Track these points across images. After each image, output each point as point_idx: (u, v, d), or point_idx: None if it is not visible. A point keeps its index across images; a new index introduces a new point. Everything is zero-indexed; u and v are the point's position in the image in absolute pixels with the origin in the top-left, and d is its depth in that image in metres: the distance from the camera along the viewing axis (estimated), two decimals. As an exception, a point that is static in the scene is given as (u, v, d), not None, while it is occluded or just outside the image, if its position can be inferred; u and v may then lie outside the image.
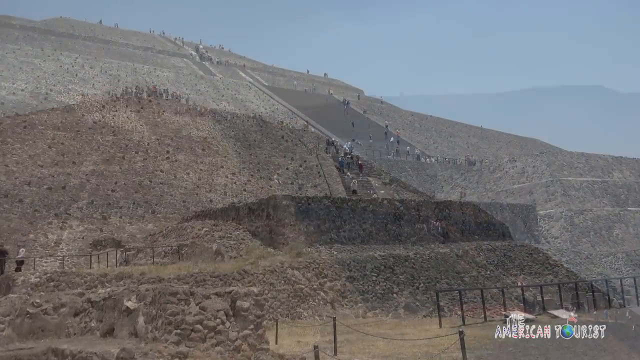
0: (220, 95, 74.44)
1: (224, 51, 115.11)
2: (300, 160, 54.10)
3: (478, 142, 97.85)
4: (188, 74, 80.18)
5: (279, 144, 63.06)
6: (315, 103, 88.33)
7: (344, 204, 29.87)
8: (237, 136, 61.68)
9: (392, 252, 28.66)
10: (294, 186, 48.58)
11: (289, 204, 27.89)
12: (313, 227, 28.32)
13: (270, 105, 78.38)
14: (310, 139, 68.16)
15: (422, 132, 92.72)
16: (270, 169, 50.33)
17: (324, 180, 50.49)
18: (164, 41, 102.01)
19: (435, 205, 34.23)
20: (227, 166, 48.83)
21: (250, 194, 44.96)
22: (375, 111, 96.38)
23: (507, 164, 52.77)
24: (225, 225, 30.07)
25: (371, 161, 59.51)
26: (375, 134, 77.57)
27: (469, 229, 35.06)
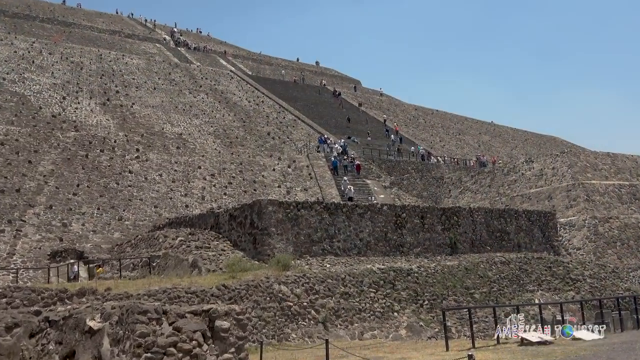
0: (198, 85, 74.01)
1: (202, 36, 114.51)
2: (288, 160, 53.75)
3: (490, 140, 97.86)
4: (161, 62, 79.55)
5: (265, 142, 62.41)
6: (306, 95, 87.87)
7: (339, 210, 29.79)
8: (216, 132, 61.06)
9: (393, 265, 28.61)
10: (281, 190, 48.39)
11: (275, 210, 27.73)
12: (303, 237, 28.19)
13: (255, 98, 77.74)
14: (300, 136, 67.34)
15: (428, 128, 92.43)
16: (254, 170, 50.24)
17: (316, 183, 50.41)
18: (133, 24, 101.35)
19: (442, 211, 34.17)
20: (206, 167, 48.43)
21: (231, 199, 44.71)
22: (374, 105, 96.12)
23: (523, 165, 52.31)
24: (203, 234, 29.79)
25: (369, 162, 59.44)
26: (375, 131, 77.23)
27: (480, 239, 35.04)
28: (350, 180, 50.02)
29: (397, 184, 55.12)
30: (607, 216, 43.61)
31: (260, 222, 27.58)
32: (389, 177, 57.21)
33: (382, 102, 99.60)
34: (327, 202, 30.58)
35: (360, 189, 49.99)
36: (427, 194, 56.87)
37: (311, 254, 28.14)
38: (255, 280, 23.35)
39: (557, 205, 45.57)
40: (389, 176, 57.60)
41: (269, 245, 27.09)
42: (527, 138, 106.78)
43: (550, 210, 42.18)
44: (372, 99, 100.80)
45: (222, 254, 27.54)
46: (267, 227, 27.35)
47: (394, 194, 50.72)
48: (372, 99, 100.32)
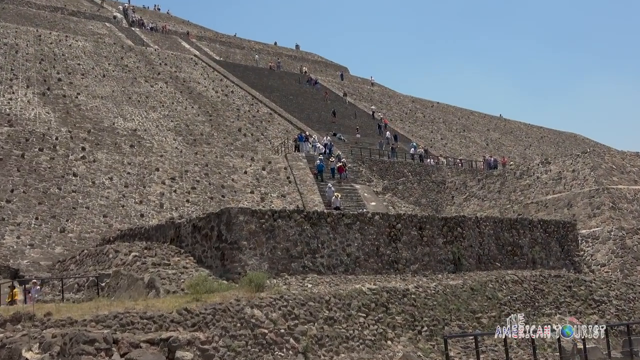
0: (156, 73, 74.12)
1: (161, 14, 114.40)
2: (263, 162, 53.47)
3: (500, 137, 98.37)
4: (112, 44, 79.55)
5: (235, 140, 62.52)
6: (284, 84, 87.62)
7: (322, 221, 29.93)
8: (177, 128, 61.19)
9: (386, 284, 28.65)
10: (254, 196, 48.12)
11: (247, 220, 27.73)
12: (280, 251, 28.29)
13: (223, 87, 77.74)
14: (277, 133, 67.53)
15: (427, 124, 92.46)
16: (222, 173, 50.09)
17: (296, 188, 50.38)
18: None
19: (444, 222, 34.24)
20: (165, 169, 48.27)
21: (195, 207, 44.60)
22: (363, 96, 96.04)
23: (539, 167, 52.38)
24: (162, 248, 29.78)
25: (358, 163, 59.44)
26: (365, 127, 77.22)
27: (488, 253, 35.17)
28: (335, 185, 49.84)
29: (391, 190, 55.03)
30: (636, 227, 43.66)
31: (230, 235, 27.47)
32: (381, 182, 57.13)
33: (373, 93, 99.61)
34: (309, 211, 30.48)
35: (347, 196, 49.77)
36: (427, 201, 56.66)
37: (290, 271, 28.17)
38: (223, 303, 23.23)
39: (578, 214, 45.64)
40: (381, 180, 57.61)
41: (240, 261, 27.06)
42: (542, 135, 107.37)
43: (570, 220, 42.11)
44: (362, 89, 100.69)
45: (184, 272, 27.42)
46: (237, 240, 27.26)
47: (388, 201, 50.37)
48: (362, 89, 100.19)
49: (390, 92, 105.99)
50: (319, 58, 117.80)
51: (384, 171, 61.26)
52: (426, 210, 52.33)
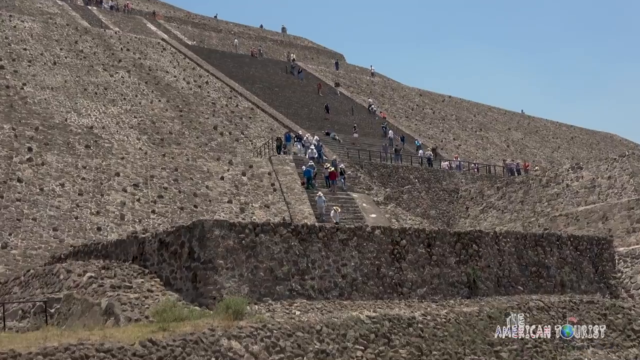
0: (116, 60, 74.12)
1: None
2: (243, 165, 53.41)
3: (523, 138, 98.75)
4: (64, 26, 79.25)
5: (210, 139, 62.62)
6: (269, 74, 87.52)
7: (313, 236, 29.77)
8: (142, 126, 61.20)
9: (388, 311, 28.59)
10: (233, 206, 48.02)
11: (224, 235, 27.70)
12: (263, 272, 28.20)
13: (197, 77, 77.80)
14: (259, 132, 67.71)
15: (437, 121, 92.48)
16: (195, 179, 49.95)
17: (281, 197, 50.20)
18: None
19: (457, 237, 34.19)
20: (126, 173, 48.28)
21: (162, 219, 44.57)
22: (362, 88, 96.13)
23: (569, 174, 52.45)
24: (122, 268, 29.66)
25: (356, 167, 59.40)
26: (364, 124, 77.16)
27: (509, 275, 35.10)
28: (328, 195, 49.61)
29: (394, 199, 54.98)
30: (683, 244, 44.68)
31: (203, 252, 27.38)
32: (383, 190, 57.23)
33: (373, 85, 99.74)
34: (298, 224, 30.29)
35: (343, 206, 49.37)
36: (436, 212, 56.70)
37: (274, 296, 28.09)
38: (195, 334, 22.95)
39: (614, 228, 45.48)
40: (383, 188, 57.71)
41: (215, 283, 26.95)
42: (573, 136, 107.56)
43: (606, 236, 41.90)
44: (360, 80, 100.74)
45: (148, 297, 27.20)
46: (212, 259, 27.17)
47: (390, 213, 50.41)
48: (360, 80, 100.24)
49: (394, 83, 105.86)
50: (309, 43, 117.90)
51: (386, 177, 60.93)
52: (436, 223, 52.13)
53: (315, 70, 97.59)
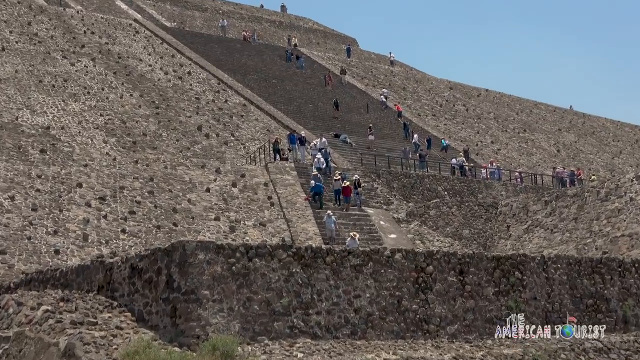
0: (78, 45, 76.65)
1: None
2: (233, 174, 54.63)
3: (577, 140, 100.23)
4: (15, 4, 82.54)
5: (194, 142, 64.75)
6: (265, 63, 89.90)
7: (319, 261, 29.47)
8: (110, 126, 63.40)
9: (412, 354, 28.12)
10: (221, 224, 49.09)
11: (210, 260, 27.37)
12: (258, 305, 27.86)
13: (177, 67, 79.99)
14: (253, 133, 70.37)
15: (471, 120, 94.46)
16: (175, 191, 50.32)
17: (281, 213, 51.73)
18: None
19: (495, 262, 33.80)
20: (91, 184, 48.88)
21: (134, 239, 45.29)
22: (379, 78, 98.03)
23: (633, 184, 53.30)
24: (86, 300, 29.53)
25: (372, 177, 60.44)
26: (382, 124, 77.82)
27: (560, 309, 34.91)
28: (338, 213, 49.82)
29: (419, 216, 55.89)
30: None
31: (184, 280, 26.95)
32: (405, 204, 58.00)
33: (393, 76, 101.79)
34: (300, 247, 30.07)
35: (355, 225, 49.87)
36: (471, 232, 57.67)
37: (271, 334, 27.47)
38: (175, 382, 21.17)
39: (691, 253, 46.44)
40: (405, 202, 58.49)
41: (199, 319, 26.47)
42: (638, 138, 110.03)
43: (680, 263, 42.85)
44: (377, 69, 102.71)
45: (117, 335, 26.69)
46: (195, 289, 26.74)
47: (414, 233, 51.47)
48: (377, 70, 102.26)
49: (418, 74, 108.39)
50: (314, 25, 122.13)
51: (408, 189, 61.51)
52: (470, 245, 53.18)
53: (322, 58, 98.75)
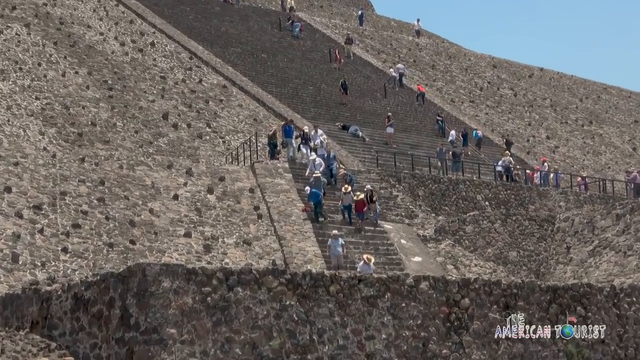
0: (8, 6, 73.51)
1: None
2: (210, 177, 52.84)
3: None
4: None
5: (157, 136, 63.22)
6: (250, 32, 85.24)
7: (321, 291, 29.03)
8: (48, 112, 62.56)
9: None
10: (192, 241, 47.45)
11: (178, 289, 26.90)
12: (240, 348, 28.11)
13: (137, 36, 75.93)
14: (235, 123, 68.15)
15: (520, 108, 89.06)
16: (133, 197, 48.59)
17: (271, 227, 48.52)
18: None
19: (552, 294, 33.14)
20: (23, 188, 48.05)
21: (79, 261, 44.04)
22: (401, 54, 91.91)
23: None
24: (15, 339, 29.73)
25: (391, 181, 57.67)
26: (405, 113, 73.47)
27: (636, 355, 34.53)
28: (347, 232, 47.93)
29: (451, 233, 53.73)
30: None
31: (145, 316, 26.78)
32: (434, 218, 55.45)
33: (419, 49, 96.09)
34: (296, 272, 29.57)
35: (368, 244, 48.05)
36: (519, 254, 55.24)
37: (265, 388, 26.80)
38: None
39: None
40: (433, 215, 55.67)
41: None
42: None
43: None
44: (398, 41, 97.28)
45: (55, 389, 26.61)
46: (158, 327, 26.64)
47: (445, 255, 49.76)
48: (398, 42, 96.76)
49: (452, 47, 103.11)
50: None
51: (438, 198, 58.56)
52: (518, 272, 51.05)
53: (326, 26, 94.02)
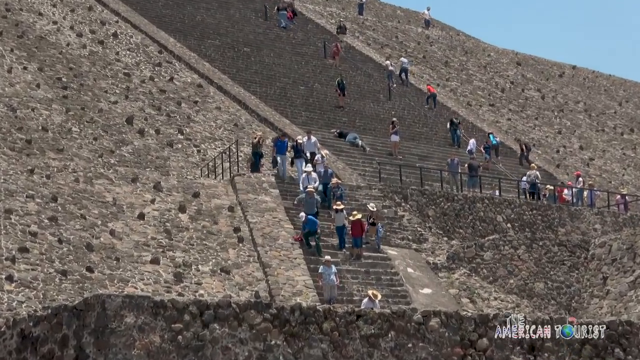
0: None
1: None
2: (182, 193, 50.12)
3: None
4: None
5: (120, 142, 61.19)
6: (232, 21, 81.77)
7: (312, 328, 28.63)
8: None
9: None
10: (160, 269, 45.18)
11: (144, 326, 26.62)
12: None
13: (97, 25, 72.20)
14: (213, 129, 65.51)
15: (549, 113, 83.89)
16: (90, 217, 45.85)
17: (253, 253, 45.74)
18: None
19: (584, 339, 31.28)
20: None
21: (26, 291, 42.72)
22: (408, 48, 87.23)
23: None
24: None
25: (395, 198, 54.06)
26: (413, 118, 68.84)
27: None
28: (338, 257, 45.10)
29: (467, 260, 50.82)
30: None
31: (104, 356, 26.77)
32: (446, 242, 52.44)
33: (429, 43, 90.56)
34: (283, 306, 29.27)
35: (368, 273, 45.29)
36: (547, 286, 52.19)
37: None
38: None
39: None
40: (445, 239, 52.69)
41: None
42: None
43: None
44: (405, 33, 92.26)
45: None
46: None
47: (459, 286, 48.00)
48: (404, 34, 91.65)
49: (469, 41, 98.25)
50: None
51: (451, 219, 53.96)
52: (546, 307, 49.02)
53: (321, 15, 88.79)
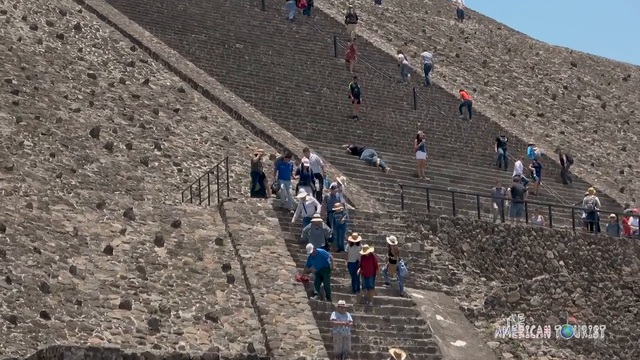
0: None
1: None
2: (159, 222, 46.43)
3: None
4: None
5: (84, 159, 55.88)
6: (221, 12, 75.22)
7: None
8: None
9: None
10: (132, 315, 43.03)
11: None
12: None
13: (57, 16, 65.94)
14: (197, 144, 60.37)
15: (611, 125, 78.26)
16: (46, 251, 43.47)
17: (246, 297, 41.82)
18: None
19: None
20: None
21: None
22: (437, 43, 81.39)
23: None
24: None
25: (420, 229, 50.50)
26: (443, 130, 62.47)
27: None
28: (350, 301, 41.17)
29: (510, 306, 49.09)
30: None
31: None
32: (483, 284, 47.40)
33: (464, 39, 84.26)
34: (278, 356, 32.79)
35: (390, 321, 40.73)
36: (607, 337, 50.09)
37: None
38: None
39: None
40: (483, 279, 48.97)
41: None
42: None
43: None
44: (432, 26, 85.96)
45: None
46: None
47: (501, 338, 42.91)
48: (433, 28, 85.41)
49: (512, 36, 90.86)
50: None
51: (491, 255, 49.07)
52: None
53: (331, 4, 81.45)
